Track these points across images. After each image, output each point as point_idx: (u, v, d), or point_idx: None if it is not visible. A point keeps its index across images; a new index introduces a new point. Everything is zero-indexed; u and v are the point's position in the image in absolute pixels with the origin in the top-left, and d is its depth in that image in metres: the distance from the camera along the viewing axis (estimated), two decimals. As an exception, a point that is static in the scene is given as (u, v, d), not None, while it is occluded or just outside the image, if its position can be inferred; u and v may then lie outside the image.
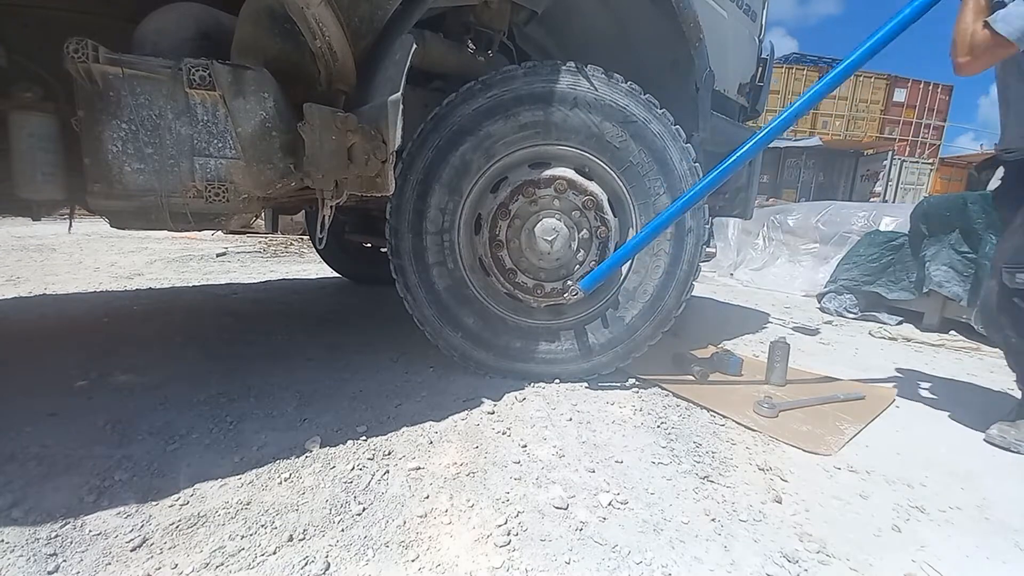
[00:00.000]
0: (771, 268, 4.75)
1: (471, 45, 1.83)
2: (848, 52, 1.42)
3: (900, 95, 14.88)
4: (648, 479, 1.22)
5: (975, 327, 2.84)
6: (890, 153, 11.90)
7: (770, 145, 3.08)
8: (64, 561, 0.87)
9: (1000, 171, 1.59)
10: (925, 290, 3.12)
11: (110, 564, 0.87)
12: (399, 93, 1.19)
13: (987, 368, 2.37)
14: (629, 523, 1.05)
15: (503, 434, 1.38)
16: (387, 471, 1.18)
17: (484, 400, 1.57)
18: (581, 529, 1.02)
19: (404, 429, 1.38)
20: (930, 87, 15.06)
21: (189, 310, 2.62)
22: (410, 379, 1.74)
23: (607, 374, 1.78)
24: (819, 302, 3.80)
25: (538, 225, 1.69)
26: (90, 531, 0.95)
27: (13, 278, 3.17)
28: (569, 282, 1.71)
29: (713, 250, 1.76)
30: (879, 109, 15.09)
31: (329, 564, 0.89)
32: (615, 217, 1.72)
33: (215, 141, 1.20)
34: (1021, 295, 1.48)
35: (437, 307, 1.71)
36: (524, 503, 1.09)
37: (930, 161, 13.64)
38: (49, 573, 0.85)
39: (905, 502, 1.19)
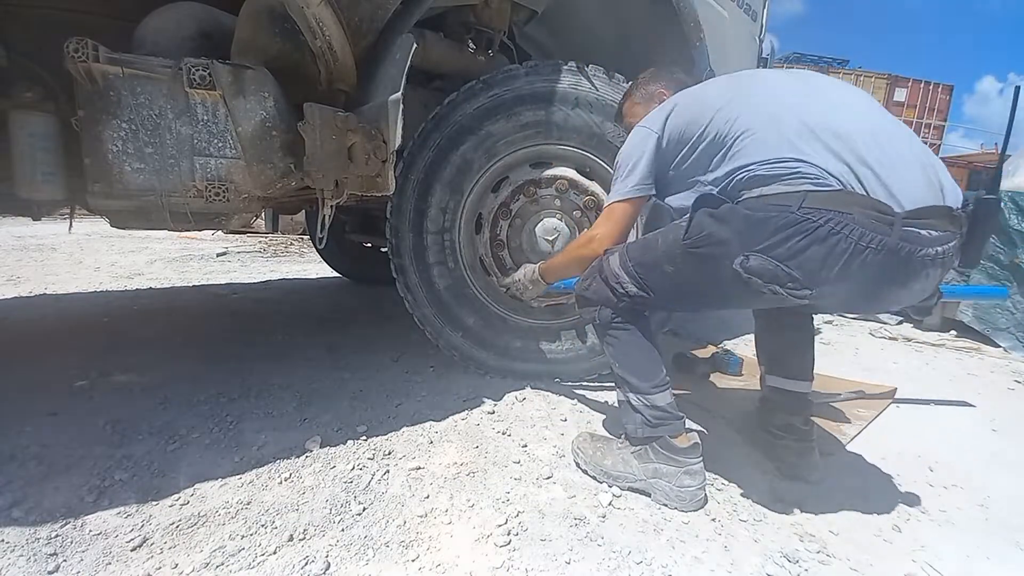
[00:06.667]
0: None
1: (471, 45, 1.83)
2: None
3: (900, 95, 14.83)
4: (648, 479, 1.21)
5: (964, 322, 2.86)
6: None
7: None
8: (64, 561, 0.87)
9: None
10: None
11: (110, 564, 0.87)
12: (399, 92, 1.19)
13: (988, 368, 2.36)
14: (629, 523, 1.05)
15: (503, 434, 1.38)
16: (387, 471, 1.18)
17: (484, 400, 1.57)
18: (581, 529, 1.02)
19: (404, 429, 1.38)
20: (930, 87, 15.02)
21: (189, 310, 2.62)
22: (410, 379, 1.73)
23: (607, 374, 1.78)
24: (819, 302, 3.79)
25: (539, 225, 1.69)
26: (90, 531, 0.95)
27: (13, 278, 3.17)
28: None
29: None
30: (879, 109, 15.04)
31: (329, 564, 0.89)
32: (615, 217, 1.71)
33: (215, 141, 1.20)
34: (600, 261, 1.22)
35: (438, 306, 1.71)
36: (524, 503, 1.09)
37: (930, 161, 13.58)
38: (49, 573, 0.85)
39: (906, 502, 1.19)
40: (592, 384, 1.75)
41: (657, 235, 1.15)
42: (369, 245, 3.20)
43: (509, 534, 0.99)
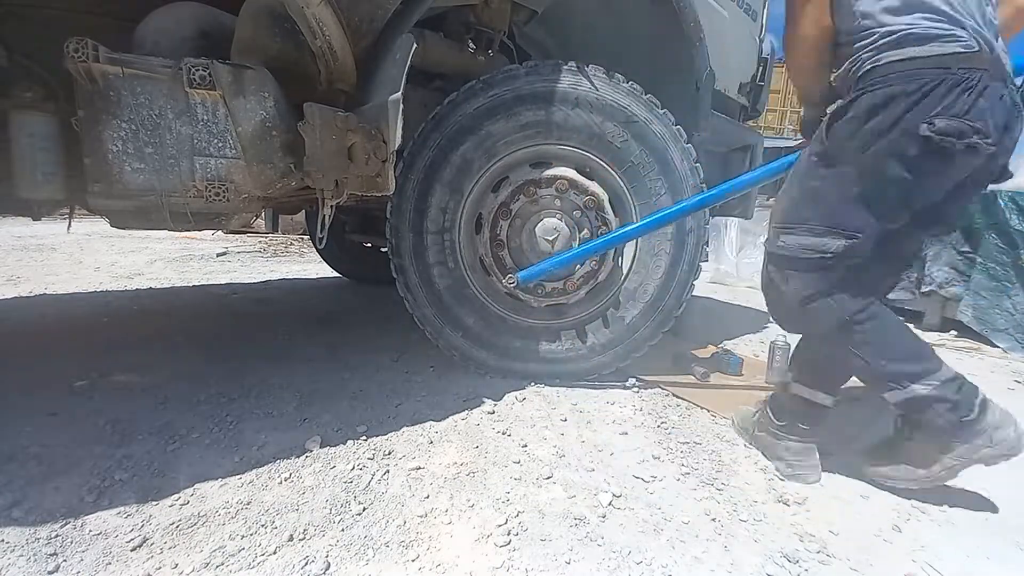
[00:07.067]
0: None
1: (471, 45, 1.83)
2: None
3: (900, 95, 14.79)
4: (648, 479, 1.22)
5: (963, 321, 2.86)
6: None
7: (771, 146, 3.08)
8: (64, 561, 0.87)
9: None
10: (925, 290, 3.12)
11: (110, 564, 0.87)
12: (400, 92, 1.19)
13: (988, 368, 2.36)
14: (629, 523, 1.05)
15: (503, 434, 1.38)
16: (387, 471, 1.18)
17: (484, 400, 1.57)
18: (581, 529, 1.02)
19: (404, 429, 1.38)
20: (930, 87, 14.99)
21: (189, 310, 2.61)
22: (410, 379, 1.73)
23: (607, 374, 1.78)
24: (819, 302, 3.79)
25: (539, 225, 1.69)
26: (90, 531, 0.95)
27: (13, 278, 3.17)
28: (566, 282, 1.71)
29: (705, 259, 1.75)
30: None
31: (329, 564, 0.89)
32: (616, 217, 1.71)
33: (215, 141, 1.20)
34: (775, 261, 1.21)
35: (437, 306, 1.71)
36: (524, 503, 1.09)
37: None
38: (49, 573, 0.85)
39: (906, 502, 1.19)
40: (592, 384, 1.75)
41: (815, 186, 1.13)
42: (369, 245, 3.20)
43: (509, 534, 0.99)
